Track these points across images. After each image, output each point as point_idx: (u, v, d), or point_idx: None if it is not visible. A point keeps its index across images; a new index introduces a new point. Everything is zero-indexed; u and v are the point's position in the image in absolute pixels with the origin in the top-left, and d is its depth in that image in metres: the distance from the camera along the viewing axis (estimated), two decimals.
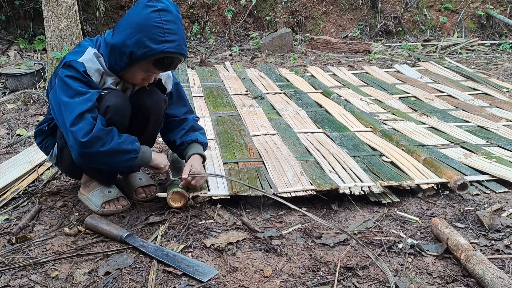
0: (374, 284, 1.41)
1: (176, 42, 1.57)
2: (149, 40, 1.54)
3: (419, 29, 6.77)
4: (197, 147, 1.95)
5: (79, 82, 1.60)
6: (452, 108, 3.34)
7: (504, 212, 1.84)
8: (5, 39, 6.37)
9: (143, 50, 1.55)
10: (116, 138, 1.63)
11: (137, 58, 1.58)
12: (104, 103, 1.65)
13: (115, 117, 1.66)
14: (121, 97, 1.71)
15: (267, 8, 7.17)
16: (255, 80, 4.21)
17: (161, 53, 1.56)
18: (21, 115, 3.37)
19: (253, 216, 1.85)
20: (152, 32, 1.54)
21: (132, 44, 1.55)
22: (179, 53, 1.60)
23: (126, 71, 1.66)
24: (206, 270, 1.46)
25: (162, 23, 1.54)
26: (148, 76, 1.71)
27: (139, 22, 1.55)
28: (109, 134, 1.61)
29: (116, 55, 1.62)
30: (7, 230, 1.75)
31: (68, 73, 1.60)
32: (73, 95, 1.59)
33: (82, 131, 1.56)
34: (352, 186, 1.94)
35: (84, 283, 1.42)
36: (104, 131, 1.59)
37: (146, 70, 1.66)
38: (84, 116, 1.57)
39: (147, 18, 1.54)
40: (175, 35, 1.57)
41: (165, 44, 1.55)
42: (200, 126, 2.04)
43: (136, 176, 2.00)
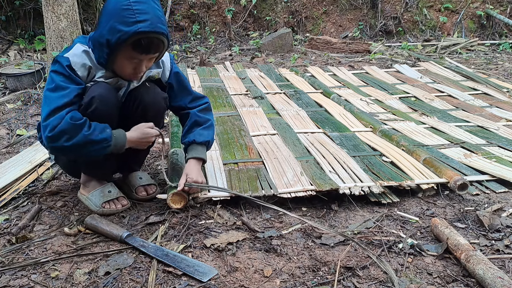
0: (374, 284, 1.41)
1: (148, 20, 1.53)
2: (120, 24, 1.52)
3: (419, 29, 6.77)
4: (194, 149, 1.90)
5: (61, 76, 1.62)
6: (452, 108, 3.34)
7: (504, 212, 1.84)
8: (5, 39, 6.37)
9: (117, 35, 1.53)
10: (85, 130, 1.59)
11: (114, 44, 1.56)
12: (88, 94, 1.65)
13: (100, 107, 1.64)
14: (106, 88, 1.69)
15: (267, 8, 7.17)
16: (255, 80, 4.21)
17: (135, 34, 1.53)
18: (21, 115, 3.37)
19: (253, 216, 1.85)
20: (121, 15, 1.52)
21: (107, 32, 1.55)
22: (154, 32, 1.55)
23: (112, 63, 1.65)
24: (206, 270, 1.46)
25: (131, 4, 1.52)
26: (137, 64, 1.66)
27: (110, 9, 1.55)
28: (77, 128, 1.58)
29: (98, 48, 1.62)
30: (7, 230, 1.75)
31: (53, 67, 1.63)
32: (54, 89, 1.61)
33: (50, 126, 1.57)
34: (352, 186, 1.94)
35: (84, 283, 1.42)
36: (71, 125, 1.57)
37: (129, 57, 1.62)
38: (56, 111, 1.58)
39: (116, 3, 1.54)
40: (147, 14, 1.53)
41: (137, 24, 1.52)
42: (204, 118, 1.94)
43: (136, 175, 2.00)
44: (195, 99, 1.96)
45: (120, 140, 1.70)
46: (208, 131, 1.94)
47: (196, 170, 1.87)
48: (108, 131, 1.66)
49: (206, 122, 1.94)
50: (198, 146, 1.91)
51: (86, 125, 1.61)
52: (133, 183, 1.97)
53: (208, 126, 1.94)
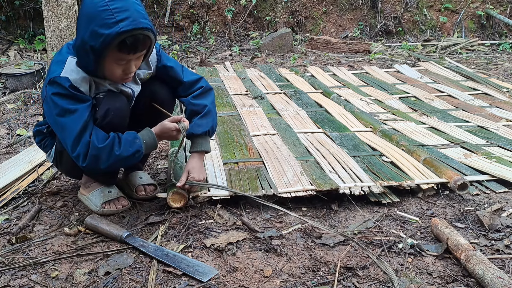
0: (374, 284, 1.41)
1: (129, 18, 1.45)
2: (101, 27, 1.44)
3: (419, 29, 6.77)
4: (195, 142, 1.87)
5: (66, 99, 1.55)
6: (452, 108, 3.34)
7: (504, 212, 1.84)
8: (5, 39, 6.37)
9: (100, 40, 1.46)
10: (116, 150, 1.59)
11: (99, 50, 1.49)
12: (103, 106, 1.62)
13: (114, 120, 1.65)
14: (119, 99, 1.68)
15: (267, 8, 7.17)
16: (255, 80, 4.21)
17: (118, 35, 1.45)
18: (21, 115, 3.37)
19: (253, 216, 1.85)
20: (100, 17, 1.44)
21: (88, 37, 1.48)
22: (138, 28, 1.47)
23: (101, 69, 1.58)
24: (206, 270, 1.46)
25: (108, 4, 1.44)
26: (126, 65, 1.59)
27: (86, 13, 1.48)
28: (105, 150, 1.58)
29: (83, 56, 1.55)
30: (7, 230, 1.75)
31: (54, 90, 1.55)
32: (63, 114, 1.55)
33: (81, 156, 1.57)
34: (352, 186, 1.94)
35: (84, 283, 1.42)
36: (100, 149, 1.57)
37: (117, 59, 1.55)
38: (79, 138, 1.56)
39: (92, 6, 1.46)
40: (126, 11, 1.45)
41: (118, 24, 1.44)
42: (200, 104, 1.85)
43: (137, 174, 2.00)
44: (188, 87, 1.88)
45: (150, 144, 1.70)
46: (207, 119, 1.85)
47: (198, 166, 1.86)
48: (138, 141, 1.65)
49: (203, 109, 1.85)
50: (198, 139, 1.86)
51: (116, 144, 1.60)
52: (133, 182, 1.98)
53: (206, 113, 1.85)
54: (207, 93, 1.90)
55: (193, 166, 1.85)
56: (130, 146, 1.63)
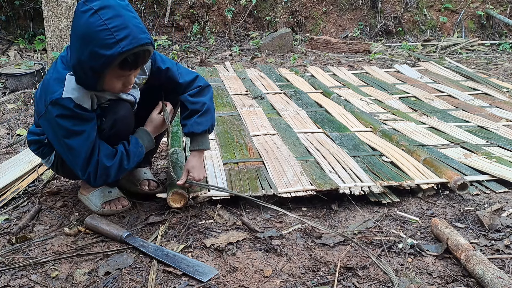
0: (374, 284, 1.41)
1: (129, 36, 1.39)
2: (101, 48, 1.38)
3: (419, 29, 6.77)
4: (195, 141, 1.87)
5: (72, 119, 1.52)
6: (452, 108, 3.34)
7: (504, 212, 1.84)
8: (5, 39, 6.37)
9: (101, 61, 1.41)
10: (125, 164, 1.65)
11: (100, 70, 1.44)
12: (109, 117, 1.62)
13: (122, 128, 1.67)
14: (124, 107, 1.68)
15: (267, 8, 7.17)
16: (255, 80, 4.21)
17: (120, 55, 1.40)
18: (21, 115, 3.37)
19: (253, 216, 1.85)
20: (99, 37, 1.37)
21: (87, 59, 1.42)
22: (139, 45, 1.42)
23: (101, 85, 1.53)
24: (206, 270, 1.46)
25: (105, 23, 1.37)
26: (126, 80, 1.56)
27: (82, 33, 1.40)
28: (115, 166, 1.63)
29: (81, 75, 1.49)
30: (7, 230, 1.75)
31: (58, 112, 1.50)
32: (70, 136, 1.53)
33: (92, 176, 1.60)
34: (352, 186, 1.94)
35: (84, 283, 1.42)
36: (110, 168, 1.61)
37: (117, 76, 1.52)
38: (90, 160, 1.57)
39: (88, 26, 1.38)
40: (125, 29, 1.39)
41: (119, 44, 1.38)
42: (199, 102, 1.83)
43: (141, 170, 2.03)
44: (185, 87, 1.85)
45: (150, 146, 1.79)
46: (206, 117, 1.83)
47: (198, 165, 1.86)
48: (141, 149, 1.72)
49: (202, 107, 1.82)
50: (198, 137, 1.86)
51: (124, 159, 1.65)
52: (137, 177, 1.99)
53: (205, 111, 1.83)
54: (204, 90, 1.87)
55: (193, 165, 1.86)
56: (137, 157, 1.70)
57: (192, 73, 1.89)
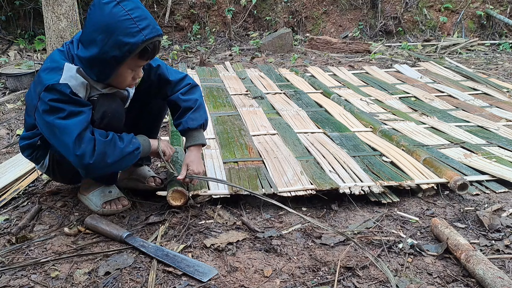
0: (374, 284, 1.41)
1: (150, 25, 1.50)
2: (126, 36, 1.47)
3: (419, 29, 6.77)
4: (191, 136, 1.88)
5: (68, 104, 1.53)
6: (452, 108, 3.34)
7: (504, 212, 1.84)
8: (5, 39, 6.37)
9: (125, 48, 1.49)
10: (119, 145, 1.60)
11: (122, 58, 1.51)
12: (99, 108, 1.61)
13: (112, 121, 1.65)
14: (115, 100, 1.68)
15: (267, 8, 7.17)
16: (255, 80, 4.21)
17: (144, 43, 1.49)
18: (21, 115, 3.37)
19: (253, 216, 1.85)
20: (124, 26, 1.46)
21: (111, 47, 1.48)
22: (158, 35, 1.54)
23: (113, 77, 1.60)
24: (206, 270, 1.46)
25: (128, 13, 1.46)
26: (136, 72, 1.64)
27: (106, 23, 1.47)
28: (111, 144, 1.59)
29: (99, 66, 1.54)
30: (7, 230, 1.75)
31: (53, 96, 1.51)
32: (65, 116, 1.53)
33: (87, 153, 1.53)
34: (352, 186, 1.94)
35: (84, 283, 1.42)
36: (106, 143, 1.57)
37: (133, 66, 1.60)
38: (82, 136, 1.53)
39: (112, 16, 1.46)
40: (146, 19, 1.50)
41: (142, 32, 1.48)
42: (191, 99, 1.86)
43: (144, 168, 2.06)
44: (175, 85, 1.87)
45: (146, 146, 1.75)
46: (199, 112, 1.87)
47: (197, 160, 1.88)
48: (136, 140, 1.69)
49: (194, 103, 1.86)
50: (194, 132, 1.88)
51: (117, 139, 1.62)
52: (143, 175, 2.02)
53: (198, 107, 1.87)
54: (194, 89, 1.91)
55: (191, 160, 1.87)
56: (131, 143, 1.66)
57: (180, 72, 1.94)
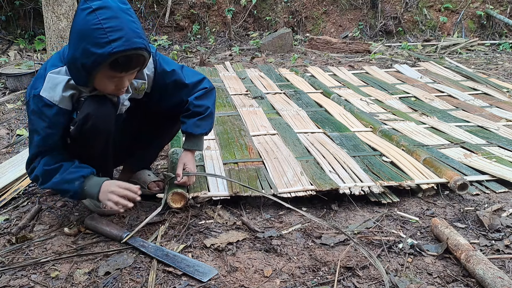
0: (374, 284, 1.41)
1: (122, 38, 1.39)
2: (93, 46, 1.39)
3: (419, 29, 6.77)
4: (191, 141, 1.87)
5: (36, 117, 1.55)
6: (452, 108, 3.34)
7: (504, 212, 1.84)
8: (5, 39, 6.37)
9: (91, 59, 1.42)
10: (56, 177, 1.60)
11: (90, 68, 1.45)
12: (83, 110, 1.55)
13: (98, 125, 1.57)
14: (101, 101, 1.59)
15: (267, 8, 7.17)
16: (255, 80, 4.21)
17: (110, 56, 1.40)
18: (21, 115, 3.37)
19: (253, 216, 1.85)
20: (93, 36, 1.39)
21: (80, 55, 1.43)
22: (132, 48, 1.42)
23: (92, 83, 1.53)
24: (206, 270, 1.46)
25: (101, 23, 1.38)
26: (118, 81, 1.54)
27: (79, 29, 1.42)
28: (48, 174, 1.60)
29: (74, 71, 1.51)
30: (7, 230, 1.75)
31: (32, 106, 1.56)
32: (32, 130, 1.60)
33: (29, 170, 1.65)
34: (352, 186, 1.94)
35: (84, 283, 1.42)
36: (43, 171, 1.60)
37: (109, 76, 1.51)
38: (34, 159, 1.62)
39: (84, 23, 1.40)
40: (120, 30, 1.39)
41: (111, 44, 1.39)
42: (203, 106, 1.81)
43: (144, 172, 2.04)
44: (192, 88, 1.82)
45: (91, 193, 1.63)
46: (207, 121, 1.84)
47: (192, 161, 1.88)
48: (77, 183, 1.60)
49: (205, 111, 1.82)
50: (194, 138, 1.87)
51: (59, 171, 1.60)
52: (143, 180, 2.01)
53: (207, 115, 1.83)
54: (209, 93, 1.86)
55: (188, 160, 1.87)
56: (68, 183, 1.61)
57: (198, 74, 1.88)
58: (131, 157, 2.02)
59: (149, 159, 2.15)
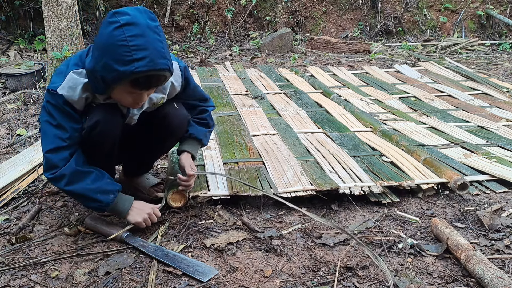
0: (374, 284, 1.41)
1: (147, 58, 1.38)
2: (116, 63, 1.38)
3: (419, 29, 6.77)
4: (190, 143, 1.87)
5: (60, 112, 1.53)
6: (452, 108, 3.34)
7: (504, 212, 1.84)
8: (5, 39, 6.37)
9: (112, 74, 1.40)
10: (87, 182, 1.56)
11: (110, 82, 1.44)
12: (92, 117, 1.57)
13: (105, 130, 1.58)
14: (110, 110, 1.61)
15: (267, 8, 7.17)
16: (255, 80, 4.21)
17: (132, 74, 1.39)
18: (21, 115, 3.37)
19: (253, 216, 1.85)
20: (117, 52, 1.37)
21: (101, 68, 1.42)
22: (154, 69, 1.41)
23: (110, 93, 1.53)
24: (206, 270, 1.46)
25: (127, 40, 1.36)
26: (137, 96, 1.53)
27: (104, 42, 1.40)
28: (80, 176, 1.55)
29: (93, 80, 1.50)
30: (7, 230, 1.75)
31: (50, 99, 1.53)
32: (54, 124, 1.53)
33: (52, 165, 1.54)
34: (352, 186, 1.94)
35: (84, 283, 1.42)
36: (75, 171, 1.54)
37: (128, 92, 1.50)
38: (56, 148, 1.53)
39: (110, 37, 1.37)
40: (145, 50, 1.37)
41: (134, 63, 1.37)
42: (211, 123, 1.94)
43: (143, 177, 2.03)
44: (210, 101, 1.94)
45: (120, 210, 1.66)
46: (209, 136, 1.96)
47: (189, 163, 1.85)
48: (111, 196, 1.61)
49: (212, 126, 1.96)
50: (198, 145, 1.89)
51: (92, 178, 1.57)
52: (142, 185, 2.01)
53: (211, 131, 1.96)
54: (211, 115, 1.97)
55: (191, 161, 1.85)
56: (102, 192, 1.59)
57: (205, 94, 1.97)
58: (133, 160, 2.00)
59: (150, 165, 2.14)
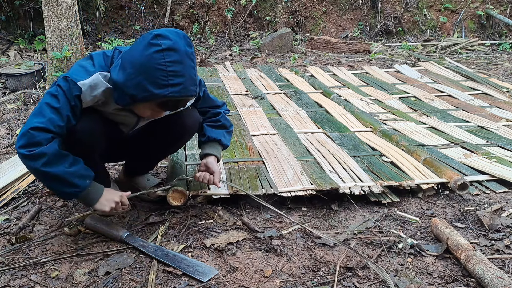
0: (374, 284, 1.41)
1: (181, 85, 1.41)
2: (150, 84, 1.39)
3: (419, 29, 6.77)
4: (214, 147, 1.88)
5: (67, 101, 1.48)
6: (452, 108, 3.34)
7: (504, 212, 1.84)
8: (5, 39, 6.37)
9: (144, 94, 1.42)
10: (65, 165, 1.48)
11: (138, 100, 1.45)
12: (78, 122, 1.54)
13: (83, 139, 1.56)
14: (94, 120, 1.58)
15: (267, 8, 7.17)
16: (255, 80, 4.21)
17: (165, 97, 1.42)
18: (21, 115, 3.37)
19: (253, 216, 1.85)
20: (154, 75, 1.39)
21: (133, 86, 1.42)
22: (185, 96, 1.45)
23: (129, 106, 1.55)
24: (206, 270, 1.46)
25: (166, 65, 1.38)
26: (157, 113, 1.58)
27: (141, 62, 1.40)
28: (60, 158, 1.47)
29: (119, 93, 1.49)
30: (7, 230, 1.75)
31: (63, 86, 1.48)
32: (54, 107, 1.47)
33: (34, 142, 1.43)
34: (352, 186, 1.94)
35: (84, 283, 1.42)
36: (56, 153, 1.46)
37: (151, 109, 1.53)
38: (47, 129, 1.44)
39: (150, 59, 1.39)
40: (181, 77, 1.41)
41: (168, 88, 1.40)
42: (229, 121, 1.96)
43: (143, 177, 2.04)
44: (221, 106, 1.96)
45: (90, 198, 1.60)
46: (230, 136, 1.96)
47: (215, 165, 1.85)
48: (87, 181, 1.55)
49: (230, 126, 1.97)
50: (220, 147, 1.90)
51: (69, 161, 1.50)
52: (142, 186, 2.01)
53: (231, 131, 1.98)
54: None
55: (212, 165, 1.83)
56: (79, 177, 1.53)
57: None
58: (137, 160, 1.99)
59: (154, 165, 2.14)
